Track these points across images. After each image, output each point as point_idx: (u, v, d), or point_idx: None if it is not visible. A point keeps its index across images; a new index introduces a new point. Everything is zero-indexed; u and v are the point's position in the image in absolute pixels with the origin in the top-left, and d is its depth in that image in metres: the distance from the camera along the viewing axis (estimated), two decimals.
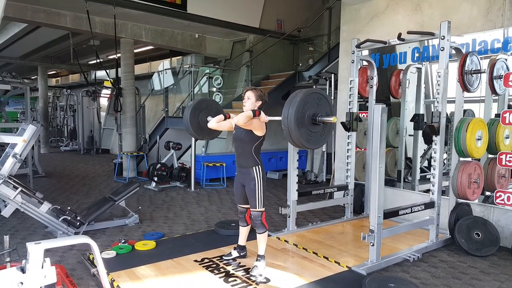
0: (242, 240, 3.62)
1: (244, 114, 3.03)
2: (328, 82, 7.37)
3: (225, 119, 3.31)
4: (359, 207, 5.25)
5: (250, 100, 3.22)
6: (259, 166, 3.27)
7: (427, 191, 4.24)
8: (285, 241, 4.15)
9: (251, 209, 3.33)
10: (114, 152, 12.27)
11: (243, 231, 3.59)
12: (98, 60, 8.53)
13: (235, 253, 3.61)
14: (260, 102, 3.23)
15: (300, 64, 8.94)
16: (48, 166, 9.82)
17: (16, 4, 6.68)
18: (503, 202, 4.09)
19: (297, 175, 4.37)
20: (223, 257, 3.62)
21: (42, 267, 1.88)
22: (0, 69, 15.80)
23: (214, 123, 3.29)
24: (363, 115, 5.30)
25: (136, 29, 8.29)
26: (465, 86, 4.08)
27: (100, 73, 14.29)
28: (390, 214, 3.74)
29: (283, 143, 8.78)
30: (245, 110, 3.16)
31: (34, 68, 14.93)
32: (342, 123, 4.96)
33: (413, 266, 3.61)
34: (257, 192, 3.25)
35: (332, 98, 7.08)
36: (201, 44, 9.30)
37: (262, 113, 3.12)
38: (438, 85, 3.93)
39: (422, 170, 5.61)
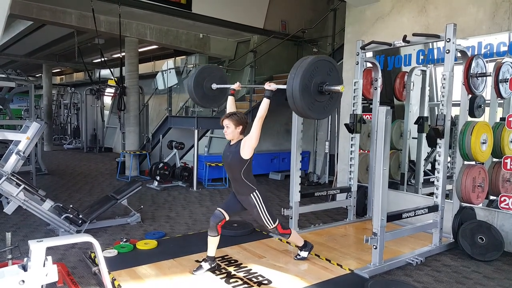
0: (212, 251, 3.30)
1: (263, 106, 2.98)
2: None
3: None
4: (362, 210, 5.22)
5: (230, 129, 3.12)
6: (255, 191, 3.19)
7: (431, 194, 4.22)
8: (287, 242, 4.13)
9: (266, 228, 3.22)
10: (117, 150, 12.29)
11: (214, 242, 3.26)
12: (102, 59, 8.55)
13: (206, 266, 3.30)
14: (241, 127, 3.14)
15: None
16: (51, 164, 9.84)
17: (22, 2, 6.71)
18: (507, 206, 4.06)
19: (300, 177, 4.35)
20: (193, 271, 3.26)
21: (44, 265, 1.87)
22: (5, 67, 15.87)
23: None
24: (367, 117, 5.28)
25: (141, 29, 8.32)
26: (470, 89, 4.06)
27: (105, 72, 14.33)
28: (393, 217, 3.72)
29: (285, 144, 8.77)
30: (228, 139, 3.18)
31: (39, 66, 14.98)
32: (345, 124, 4.94)
33: (416, 270, 3.58)
34: (262, 215, 3.22)
35: None
36: (205, 44, 9.30)
37: (272, 84, 3.01)
38: (443, 87, 3.91)
39: (425, 173, 5.59)
